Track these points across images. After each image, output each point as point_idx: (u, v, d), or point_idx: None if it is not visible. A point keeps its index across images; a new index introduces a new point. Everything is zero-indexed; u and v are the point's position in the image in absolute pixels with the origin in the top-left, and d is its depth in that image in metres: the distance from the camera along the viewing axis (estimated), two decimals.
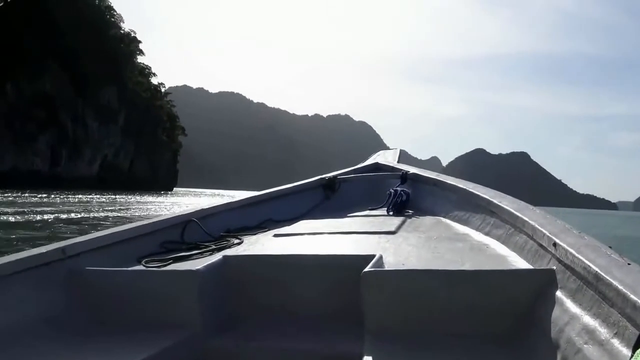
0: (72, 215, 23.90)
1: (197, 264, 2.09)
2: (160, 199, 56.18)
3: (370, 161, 4.88)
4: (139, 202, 45.56)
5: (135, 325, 1.93)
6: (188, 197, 74.23)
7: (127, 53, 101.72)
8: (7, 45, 72.14)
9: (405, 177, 3.84)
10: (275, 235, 2.82)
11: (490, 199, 2.49)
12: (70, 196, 45.24)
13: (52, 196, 42.94)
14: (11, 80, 75.10)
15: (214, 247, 2.55)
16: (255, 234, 2.93)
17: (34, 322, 1.83)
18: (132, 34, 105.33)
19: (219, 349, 1.90)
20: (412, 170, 3.95)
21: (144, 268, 2.21)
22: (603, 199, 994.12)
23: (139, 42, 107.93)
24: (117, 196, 53.15)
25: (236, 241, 2.70)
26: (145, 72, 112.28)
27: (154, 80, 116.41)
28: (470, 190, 2.85)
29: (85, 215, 24.34)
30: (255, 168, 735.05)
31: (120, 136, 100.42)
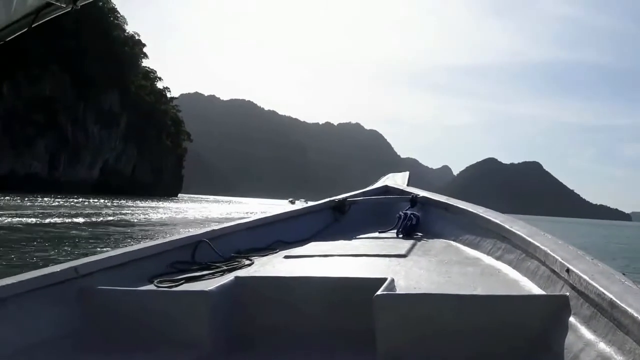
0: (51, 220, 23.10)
1: (209, 284, 2.12)
2: (149, 204, 54.27)
3: (379, 184, 4.84)
4: (121, 206, 43.90)
5: (147, 344, 1.95)
6: (185, 203, 73.01)
7: (130, 56, 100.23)
8: (5, 45, 70.44)
9: (415, 200, 3.86)
10: (286, 257, 2.84)
11: (502, 224, 2.50)
12: (60, 200, 43.70)
13: (38, 200, 41.17)
14: (9, 81, 73.48)
15: (225, 267, 2.58)
16: (265, 255, 2.94)
17: (47, 339, 1.86)
18: (136, 37, 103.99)
19: None
20: (422, 193, 3.95)
21: (155, 288, 2.24)
22: (616, 209, 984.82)
23: (144, 45, 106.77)
24: (108, 201, 51.45)
25: (247, 262, 2.72)
26: (149, 76, 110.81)
27: (160, 85, 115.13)
28: (481, 214, 2.85)
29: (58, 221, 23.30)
30: (266, 176, 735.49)
31: (122, 140, 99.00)
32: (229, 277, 2.21)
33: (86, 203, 43.91)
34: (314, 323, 2.06)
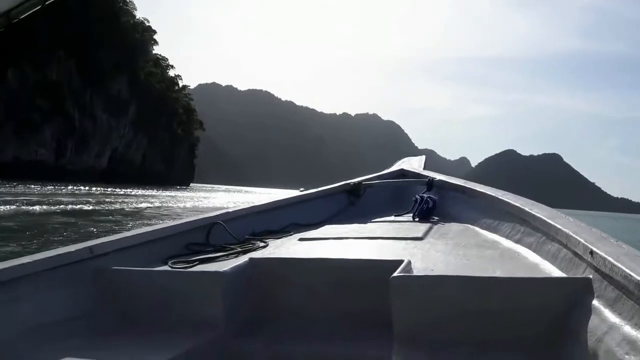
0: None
1: (223, 265, 2.12)
2: (149, 192, 52.26)
3: (395, 167, 4.81)
4: (128, 195, 41.66)
5: (161, 325, 1.98)
6: (190, 192, 70.86)
7: (140, 42, 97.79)
8: (10, 29, 68.48)
9: (431, 183, 3.81)
10: (301, 239, 2.81)
11: (521, 207, 2.44)
12: (62, 188, 41.94)
13: (31, 187, 39.35)
14: (14, 66, 71.65)
15: (239, 249, 2.57)
16: (280, 238, 2.94)
17: (62, 319, 1.89)
18: (146, 23, 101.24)
19: (244, 351, 1.93)
20: (439, 177, 3.90)
21: (170, 269, 2.25)
22: (639, 203, 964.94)
23: (154, 32, 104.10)
24: (112, 189, 49.45)
25: (261, 244, 2.71)
26: (160, 64, 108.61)
27: (172, 73, 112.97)
28: (500, 197, 2.80)
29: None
30: (283, 166, 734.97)
31: (132, 128, 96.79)
32: (243, 259, 2.21)
33: (84, 191, 41.95)
34: (329, 304, 2.07)
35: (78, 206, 25.01)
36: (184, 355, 1.71)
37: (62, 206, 23.81)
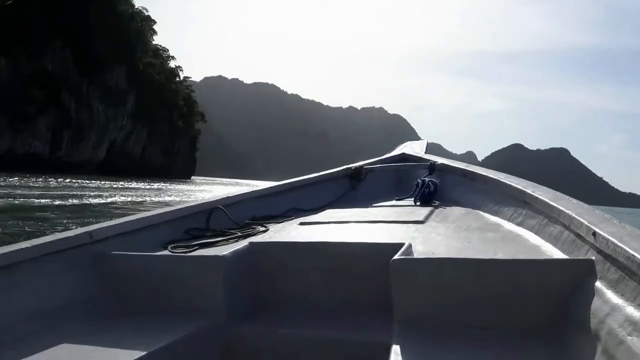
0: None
1: (223, 250, 2.11)
2: (145, 185, 50.55)
3: (397, 151, 4.74)
4: (115, 188, 39.91)
5: (160, 309, 1.98)
6: (185, 185, 69.07)
7: (138, 32, 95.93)
8: (4, 18, 66.91)
9: (433, 167, 3.78)
10: (301, 224, 2.80)
11: (523, 189, 2.42)
12: (53, 181, 40.40)
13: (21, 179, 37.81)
14: (8, 56, 70.01)
15: (239, 234, 2.56)
16: (280, 222, 2.93)
17: (62, 304, 1.90)
18: (145, 12, 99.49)
19: (244, 336, 1.93)
20: (440, 160, 3.87)
21: (169, 253, 2.25)
22: None
23: (153, 21, 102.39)
24: (103, 182, 47.83)
25: (262, 229, 2.70)
26: (161, 55, 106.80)
27: (172, 64, 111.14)
28: (502, 180, 2.79)
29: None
30: (289, 159, 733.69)
31: (131, 120, 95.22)
32: (243, 243, 2.20)
33: (65, 183, 40.33)
34: (329, 289, 2.06)
35: (55, 201, 23.47)
36: (184, 339, 1.72)
37: (42, 200, 22.33)
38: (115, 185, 44.13)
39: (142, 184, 54.28)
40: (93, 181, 47.90)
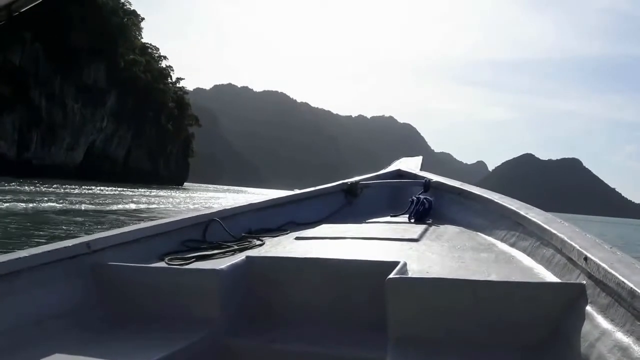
0: None
1: (220, 263, 2.16)
2: (122, 191, 43.60)
3: (392, 168, 4.77)
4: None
5: (156, 321, 2.00)
6: (173, 192, 61.94)
7: (121, 26, 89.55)
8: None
9: (428, 185, 3.80)
10: (297, 238, 2.84)
11: (517, 210, 2.46)
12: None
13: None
14: None
15: (235, 247, 2.59)
16: (276, 236, 2.97)
17: (59, 313, 1.93)
18: (129, 6, 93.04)
19: (240, 350, 1.96)
20: (435, 178, 3.90)
21: (166, 265, 2.27)
22: None
23: (141, 18, 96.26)
24: (72, 188, 41.07)
25: (258, 242, 2.74)
26: (149, 52, 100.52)
27: (164, 64, 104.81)
28: (496, 200, 2.82)
29: None
30: (297, 168, 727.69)
31: (113, 121, 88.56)
32: (239, 257, 2.23)
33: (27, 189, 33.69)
34: (324, 304, 2.09)
35: None
36: (179, 351, 1.73)
37: None
38: (73, 191, 37.61)
39: (112, 189, 47.55)
40: (55, 186, 41.43)
